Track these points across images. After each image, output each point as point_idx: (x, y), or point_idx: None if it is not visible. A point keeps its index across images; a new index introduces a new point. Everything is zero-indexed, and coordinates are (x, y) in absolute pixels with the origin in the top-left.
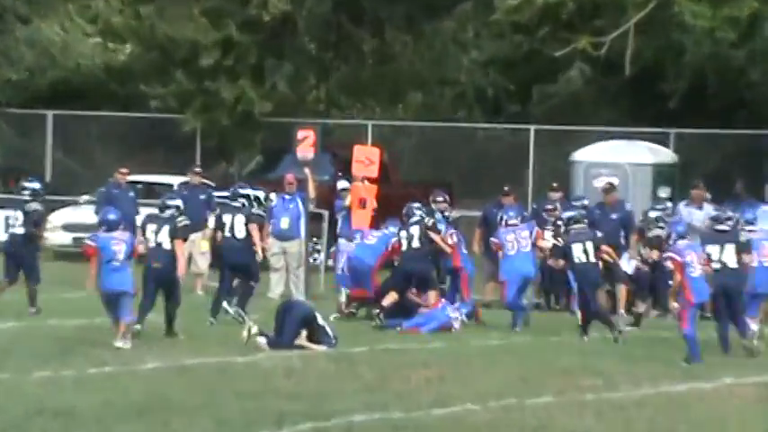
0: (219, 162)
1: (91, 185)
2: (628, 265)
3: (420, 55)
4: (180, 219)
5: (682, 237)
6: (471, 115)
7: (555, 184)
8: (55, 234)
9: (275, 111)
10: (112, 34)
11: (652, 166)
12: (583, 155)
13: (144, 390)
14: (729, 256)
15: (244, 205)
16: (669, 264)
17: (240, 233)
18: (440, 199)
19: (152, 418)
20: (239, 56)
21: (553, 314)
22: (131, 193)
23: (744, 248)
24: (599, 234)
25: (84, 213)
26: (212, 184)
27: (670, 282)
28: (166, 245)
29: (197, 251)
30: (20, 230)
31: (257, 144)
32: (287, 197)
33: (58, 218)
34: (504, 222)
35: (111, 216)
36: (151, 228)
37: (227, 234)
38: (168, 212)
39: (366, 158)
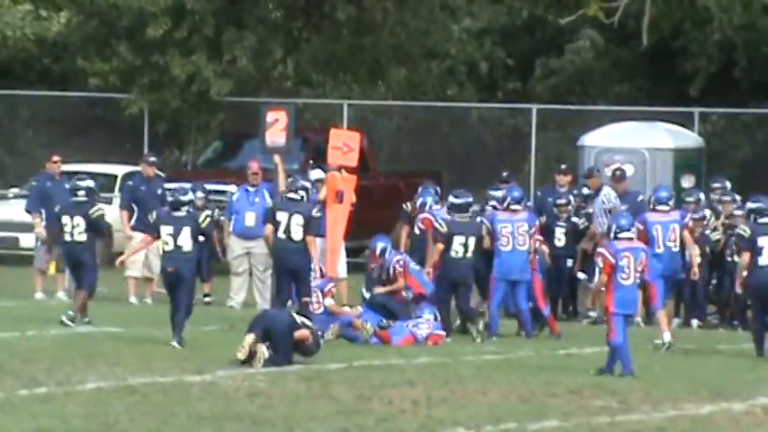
0: (171, 149)
1: (20, 177)
2: None
3: (403, 24)
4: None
5: (624, 231)
6: (463, 94)
7: (564, 166)
8: None
9: (235, 90)
10: (45, 0)
11: (673, 151)
12: (593, 139)
13: (84, 414)
14: None
15: (302, 199)
16: (599, 261)
17: (297, 234)
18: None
19: None
20: (193, 26)
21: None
22: (67, 186)
23: None
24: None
25: (14, 209)
26: (162, 175)
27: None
28: (187, 247)
29: (153, 253)
30: (81, 237)
31: (214, 128)
32: (251, 189)
33: None
34: (506, 204)
35: None
36: (167, 230)
37: (282, 235)
38: (185, 209)
39: (344, 144)
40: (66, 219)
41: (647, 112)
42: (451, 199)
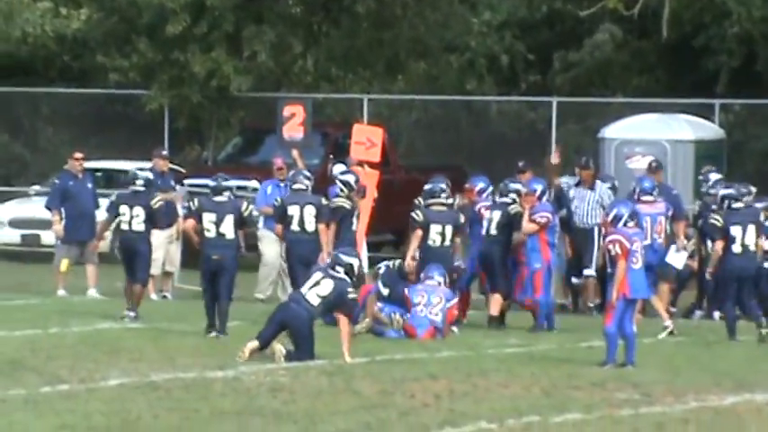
0: (191, 145)
1: (41, 174)
2: (675, 257)
3: (422, 17)
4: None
5: (631, 218)
6: (483, 87)
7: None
8: (1, 231)
9: (255, 85)
10: None
11: (694, 142)
12: (613, 131)
13: (106, 411)
14: (751, 237)
15: (307, 188)
16: (616, 248)
17: (311, 225)
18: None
19: None
20: (213, 22)
21: (581, 316)
22: (90, 185)
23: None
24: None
25: (35, 207)
26: (183, 171)
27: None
28: (230, 235)
29: (174, 246)
30: (140, 227)
31: (234, 124)
32: (280, 185)
33: (4, 212)
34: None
35: None
36: (209, 217)
37: (296, 228)
38: (227, 195)
39: (367, 140)
40: (124, 208)
41: (668, 104)
42: (426, 186)
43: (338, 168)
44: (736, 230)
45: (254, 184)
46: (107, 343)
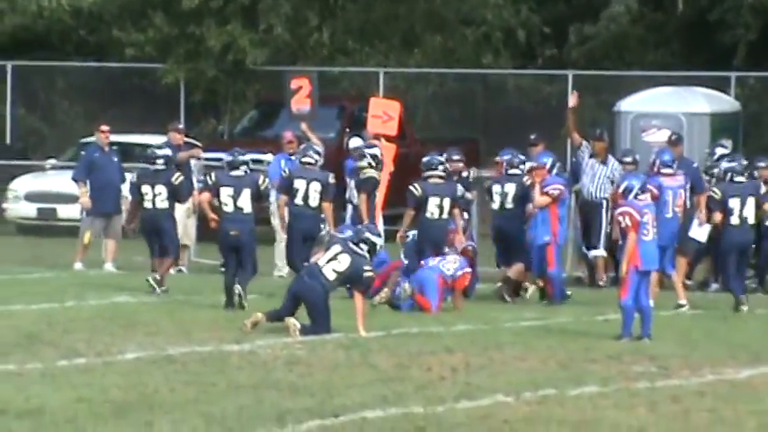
0: (207, 119)
1: (58, 148)
2: (698, 231)
3: None
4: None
5: (642, 191)
6: (499, 61)
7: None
8: (17, 205)
9: (271, 59)
10: None
11: (710, 115)
12: (629, 104)
13: (123, 384)
14: (749, 210)
15: (316, 163)
16: (626, 220)
17: (314, 201)
18: (456, 157)
19: (133, 417)
20: None
21: (597, 290)
22: (115, 158)
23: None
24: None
25: (51, 181)
26: (199, 144)
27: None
28: (247, 209)
29: (191, 220)
30: (163, 204)
31: (250, 97)
32: (292, 158)
33: (20, 186)
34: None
35: None
36: (227, 191)
37: (300, 201)
38: (243, 169)
39: (384, 113)
40: (146, 188)
41: (684, 77)
42: (423, 159)
43: (354, 142)
44: (734, 203)
45: (269, 157)
46: (123, 316)
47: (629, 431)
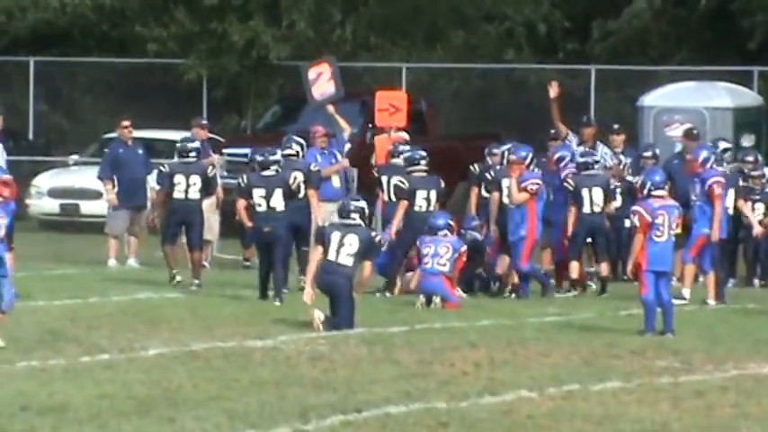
0: (230, 114)
1: (80, 144)
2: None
3: None
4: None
5: (659, 188)
6: (521, 56)
7: (616, 126)
8: (40, 201)
9: (294, 54)
10: None
11: (733, 110)
12: (652, 99)
13: (146, 380)
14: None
15: (297, 154)
16: (635, 219)
17: (299, 191)
18: (495, 151)
19: (156, 413)
20: None
21: (620, 284)
22: (140, 151)
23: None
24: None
25: (74, 177)
26: (221, 140)
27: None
28: (280, 207)
29: (214, 216)
30: (196, 195)
31: (273, 93)
32: (325, 152)
33: (43, 182)
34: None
35: None
36: (259, 192)
37: None
38: (274, 168)
39: (390, 105)
40: (179, 177)
41: (706, 72)
42: (406, 155)
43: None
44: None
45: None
46: (146, 312)
47: (653, 426)
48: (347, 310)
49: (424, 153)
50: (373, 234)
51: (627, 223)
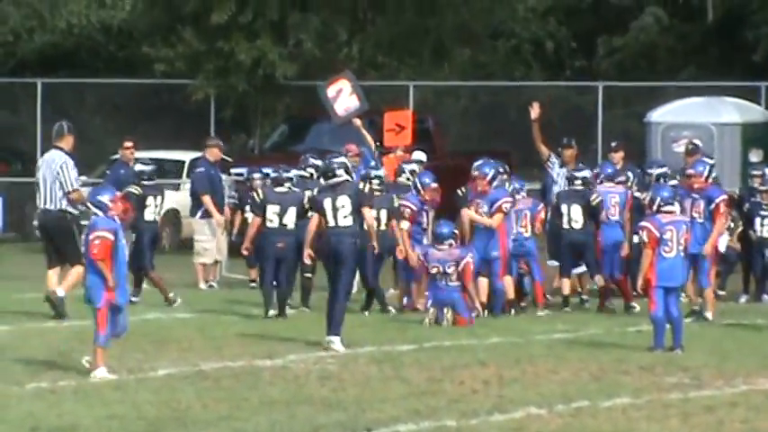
0: (237, 134)
1: (88, 165)
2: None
3: (468, 4)
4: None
5: (668, 204)
6: (529, 73)
7: (614, 143)
8: None
9: (300, 73)
10: None
11: (741, 125)
12: (660, 115)
13: (155, 401)
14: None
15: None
16: (643, 235)
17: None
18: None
19: None
20: (257, 10)
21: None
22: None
23: None
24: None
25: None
26: (230, 160)
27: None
28: (291, 225)
29: (223, 236)
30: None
31: (280, 112)
32: (356, 170)
33: None
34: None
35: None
36: (273, 209)
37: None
38: (287, 186)
39: (396, 125)
40: (150, 200)
41: (714, 88)
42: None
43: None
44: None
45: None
46: (155, 333)
47: None
48: (348, 275)
49: (381, 173)
50: (356, 182)
51: (635, 239)
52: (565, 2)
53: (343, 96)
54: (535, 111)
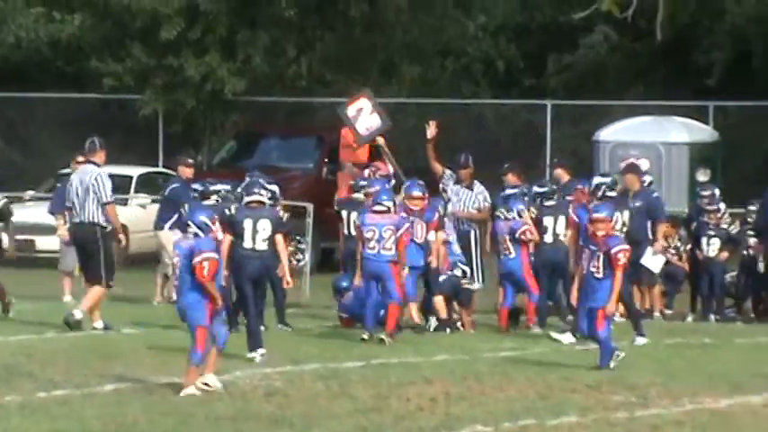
0: (186, 150)
1: (36, 180)
2: (652, 260)
3: (417, 21)
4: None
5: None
6: (478, 91)
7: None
8: None
9: (249, 89)
10: (58, 3)
11: (689, 145)
12: (608, 133)
13: (102, 415)
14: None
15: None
16: (624, 257)
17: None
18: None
19: None
20: (206, 26)
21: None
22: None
23: None
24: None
25: (29, 212)
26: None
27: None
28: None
29: None
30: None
31: (229, 128)
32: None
33: None
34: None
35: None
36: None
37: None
38: (213, 200)
39: (353, 142)
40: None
41: (662, 107)
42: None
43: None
44: (548, 221)
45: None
46: (102, 348)
47: None
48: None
49: (275, 188)
50: (276, 210)
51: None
52: (515, 20)
53: (363, 115)
54: (432, 130)
